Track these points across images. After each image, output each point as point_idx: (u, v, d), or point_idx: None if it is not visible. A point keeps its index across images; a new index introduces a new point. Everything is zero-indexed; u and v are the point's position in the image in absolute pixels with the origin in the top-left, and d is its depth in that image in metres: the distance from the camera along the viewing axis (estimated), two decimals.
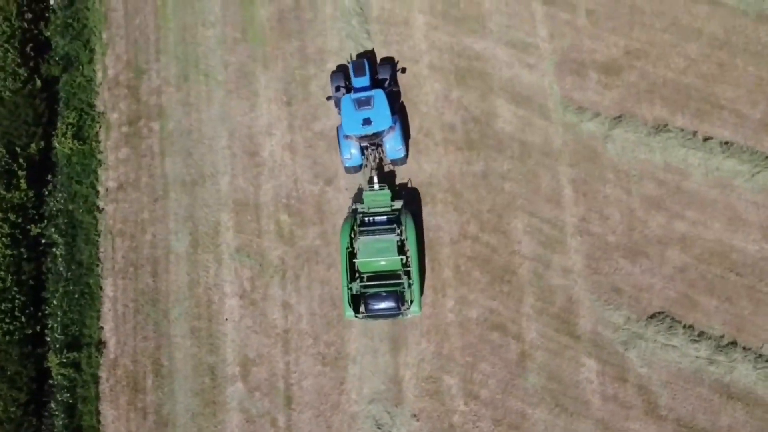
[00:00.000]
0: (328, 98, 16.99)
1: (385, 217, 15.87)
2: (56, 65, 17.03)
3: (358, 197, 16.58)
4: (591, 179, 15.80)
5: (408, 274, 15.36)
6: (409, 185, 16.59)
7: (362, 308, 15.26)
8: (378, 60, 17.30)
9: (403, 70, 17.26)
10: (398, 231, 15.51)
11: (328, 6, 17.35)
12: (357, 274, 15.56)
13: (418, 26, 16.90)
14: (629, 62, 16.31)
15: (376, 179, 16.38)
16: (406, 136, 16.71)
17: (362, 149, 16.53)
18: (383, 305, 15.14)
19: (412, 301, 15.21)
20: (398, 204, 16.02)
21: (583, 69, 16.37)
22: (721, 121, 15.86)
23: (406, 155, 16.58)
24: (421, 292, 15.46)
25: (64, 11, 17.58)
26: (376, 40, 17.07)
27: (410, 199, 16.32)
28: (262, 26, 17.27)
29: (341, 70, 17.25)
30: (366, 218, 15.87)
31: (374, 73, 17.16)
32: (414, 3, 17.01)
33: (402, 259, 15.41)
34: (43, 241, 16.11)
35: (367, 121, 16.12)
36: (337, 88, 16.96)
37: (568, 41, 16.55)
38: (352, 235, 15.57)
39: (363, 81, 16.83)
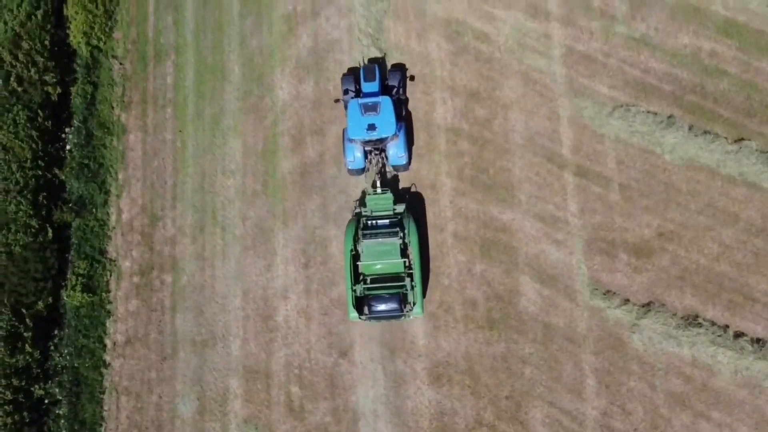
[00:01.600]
0: (336, 101, 20.23)
1: (387, 220, 18.71)
2: (69, 211, 19.23)
3: (361, 201, 19.62)
4: (615, 370, 17.31)
5: (411, 276, 18.19)
6: (412, 189, 19.73)
7: (366, 310, 18.01)
8: (389, 66, 20.55)
9: (412, 77, 20.48)
10: (401, 234, 18.31)
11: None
12: (361, 277, 18.35)
13: (445, 191, 18.72)
14: (661, 245, 17.92)
15: (378, 183, 19.46)
16: (409, 143, 19.83)
17: (366, 153, 19.49)
18: (386, 306, 17.88)
19: (414, 303, 18.05)
20: (400, 207, 18.94)
21: (613, 249, 17.99)
22: (754, 316, 17.44)
23: (409, 162, 19.68)
24: (423, 294, 18.34)
25: (81, 150, 19.46)
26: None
27: (413, 202, 19.46)
28: (284, 179, 19.12)
29: (352, 74, 20.37)
30: (369, 221, 18.70)
31: (384, 79, 20.25)
32: (442, 166, 18.79)
33: (404, 262, 18.24)
34: (46, 401, 17.68)
35: (371, 127, 18.95)
36: (346, 91, 19.95)
37: (598, 218, 18.24)
38: (356, 239, 18.36)
39: (372, 86, 19.83)
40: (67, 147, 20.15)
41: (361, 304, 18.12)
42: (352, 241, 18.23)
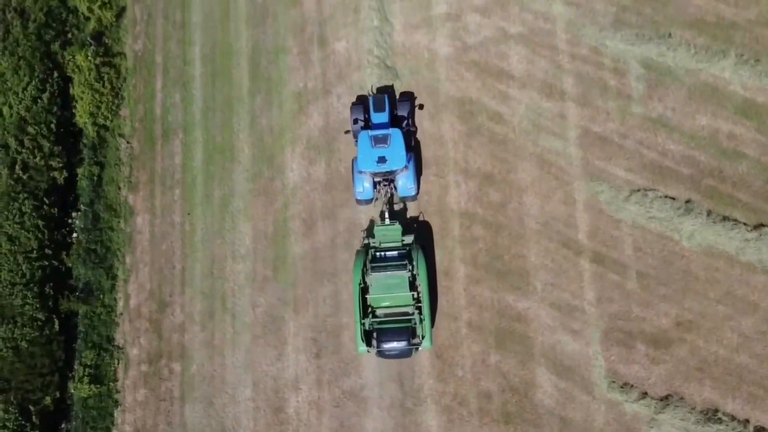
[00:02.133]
0: (347, 132, 21.28)
1: (396, 252, 19.63)
2: (76, 300, 19.59)
3: (369, 231, 20.57)
4: None
5: (419, 309, 19.03)
6: (421, 218, 20.73)
7: (374, 343, 18.85)
8: (398, 95, 21.76)
9: (421, 106, 21.62)
10: (409, 267, 19.14)
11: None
12: (369, 309, 19.13)
13: (459, 278, 19.21)
14: (679, 335, 18.39)
15: (387, 214, 20.47)
16: (418, 174, 20.99)
17: (375, 183, 20.56)
18: (396, 344, 18.51)
19: (423, 337, 18.87)
20: (409, 239, 19.86)
21: (631, 340, 18.45)
22: None
23: (417, 193, 20.72)
24: (432, 325, 19.23)
25: (87, 234, 19.96)
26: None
27: (421, 233, 20.44)
28: (295, 265, 19.63)
29: (361, 103, 21.37)
30: (377, 253, 19.64)
31: (393, 109, 21.23)
32: (456, 252, 19.25)
33: (413, 295, 19.05)
34: None
35: (382, 159, 19.96)
36: (356, 121, 20.93)
37: (615, 307, 18.71)
38: (364, 271, 19.21)
39: (382, 117, 20.73)
40: (74, 234, 20.64)
41: (369, 337, 19.00)
42: (361, 273, 19.19)
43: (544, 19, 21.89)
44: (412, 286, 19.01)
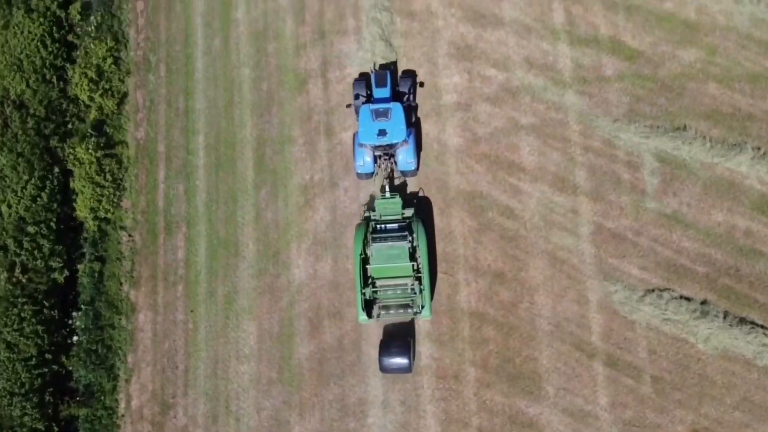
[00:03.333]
0: (348, 106, 23.69)
1: (396, 224, 22.05)
2: (76, 405, 20.83)
3: (370, 204, 23.15)
4: None
5: (419, 279, 21.56)
6: (420, 194, 23.07)
7: (375, 311, 21.47)
8: (400, 72, 24.09)
9: (422, 84, 24.04)
10: (410, 238, 21.60)
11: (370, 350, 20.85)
12: (370, 279, 21.66)
13: (469, 381, 20.87)
14: None
15: (387, 187, 22.86)
16: (418, 149, 23.36)
17: (375, 157, 22.83)
18: (397, 360, 20.72)
19: (423, 306, 21.46)
20: (409, 212, 22.35)
21: None
22: None
23: (417, 168, 23.21)
24: (431, 297, 21.75)
25: (88, 335, 21.34)
26: (426, 396, 20.71)
27: (421, 206, 22.77)
28: (301, 366, 20.86)
29: (363, 79, 23.78)
30: (378, 225, 22.10)
31: (395, 85, 23.71)
32: (466, 354, 20.56)
33: (413, 266, 21.49)
34: None
35: (382, 132, 22.15)
36: (357, 96, 23.35)
37: (629, 413, 20.13)
38: (365, 242, 21.68)
39: (383, 92, 23.14)
40: (75, 337, 21.88)
41: (370, 307, 21.68)
42: (362, 244, 21.72)
43: (555, 110, 23.38)
44: (412, 257, 21.64)
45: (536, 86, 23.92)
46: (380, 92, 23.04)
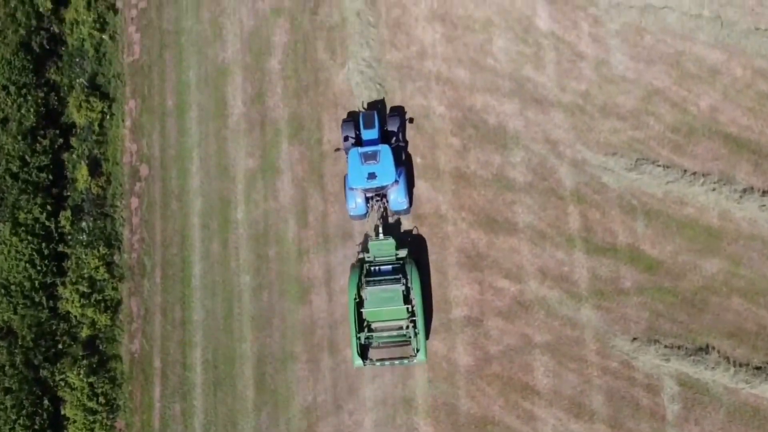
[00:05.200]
0: (337, 150, 26.59)
1: (390, 266, 24.69)
2: None
3: (364, 246, 26.09)
4: None
5: (414, 323, 24.31)
6: (414, 232, 26.22)
7: (370, 355, 24.56)
8: (388, 110, 27.09)
9: (411, 120, 26.99)
10: (403, 281, 24.48)
11: None
12: (365, 323, 24.48)
13: None
14: None
15: (381, 229, 25.74)
16: (409, 188, 26.43)
17: (367, 199, 25.80)
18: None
19: (418, 350, 24.18)
20: (403, 253, 25.16)
21: None
22: None
23: (410, 207, 26.28)
24: (426, 339, 24.77)
25: None
26: None
27: (415, 246, 25.71)
28: None
29: (351, 119, 26.58)
30: (372, 267, 24.87)
31: (383, 125, 26.48)
32: None
33: (408, 308, 24.26)
34: None
35: (372, 176, 24.75)
36: (346, 138, 26.06)
37: None
38: (359, 285, 24.41)
39: (372, 133, 25.74)
40: None
41: (365, 351, 24.46)
42: (356, 287, 24.43)
43: (571, 326, 25.39)
44: (406, 299, 24.55)
45: (551, 299, 26.38)
46: (368, 134, 25.71)
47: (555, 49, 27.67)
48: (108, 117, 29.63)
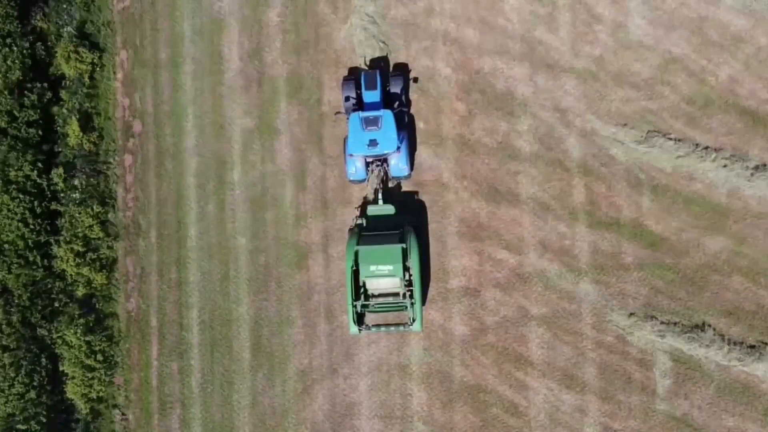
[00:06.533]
0: (337, 113, 27.88)
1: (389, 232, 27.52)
2: None
3: (362, 211, 28.24)
4: None
5: (411, 292, 26.56)
6: (415, 197, 28.41)
7: (366, 320, 26.93)
8: (391, 69, 28.67)
9: (415, 79, 28.60)
10: (403, 245, 26.31)
11: None
12: (362, 291, 26.55)
13: None
14: None
15: (380, 195, 27.67)
16: (411, 153, 28.11)
17: (367, 164, 27.22)
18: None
19: (414, 319, 26.43)
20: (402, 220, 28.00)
21: None
22: None
23: (411, 173, 28.05)
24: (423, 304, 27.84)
25: None
26: None
27: (415, 212, 28.15)
28: None
29: (353, 79, 27.80)
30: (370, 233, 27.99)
31: (385, 86, 27.73)
32: None
33: (405, 274, 26.18)
34: None
35: (373, 143, 26.16)
36: (347, 98, 27.30)
37: None
38: (357, 251, 26.71)
39: (373, 95, 26.89)
40: None
41: (361, 318, 26.85)
42: (354, 254, 26.45)
43: (569, 300, 27.91)
44: (404, 264, 26.07)
45: (550, 272, 29.22)
46: (370, 95, 26.52)
47: (571, 9, 29.13)
48: (98, 69, 30.94)
